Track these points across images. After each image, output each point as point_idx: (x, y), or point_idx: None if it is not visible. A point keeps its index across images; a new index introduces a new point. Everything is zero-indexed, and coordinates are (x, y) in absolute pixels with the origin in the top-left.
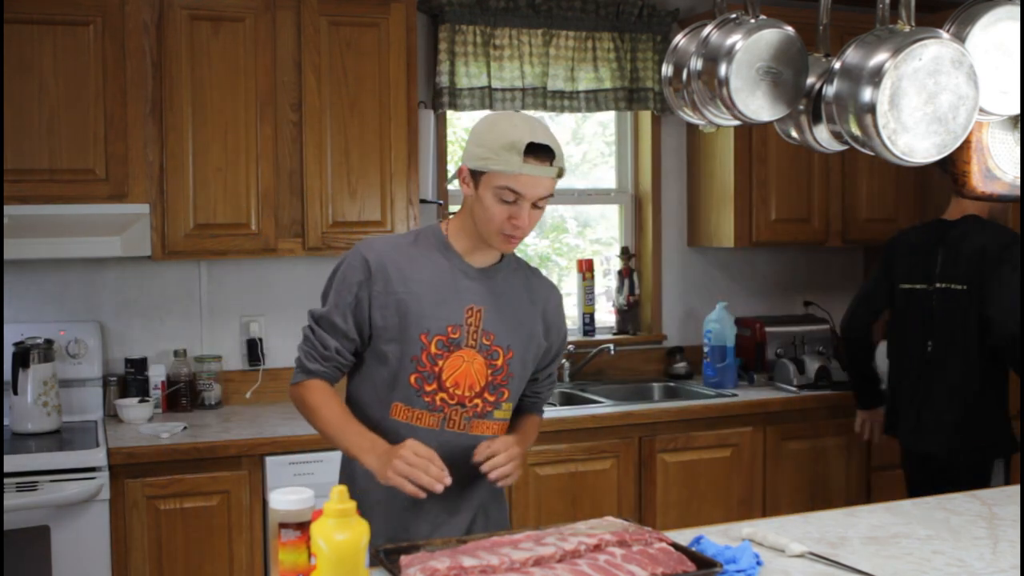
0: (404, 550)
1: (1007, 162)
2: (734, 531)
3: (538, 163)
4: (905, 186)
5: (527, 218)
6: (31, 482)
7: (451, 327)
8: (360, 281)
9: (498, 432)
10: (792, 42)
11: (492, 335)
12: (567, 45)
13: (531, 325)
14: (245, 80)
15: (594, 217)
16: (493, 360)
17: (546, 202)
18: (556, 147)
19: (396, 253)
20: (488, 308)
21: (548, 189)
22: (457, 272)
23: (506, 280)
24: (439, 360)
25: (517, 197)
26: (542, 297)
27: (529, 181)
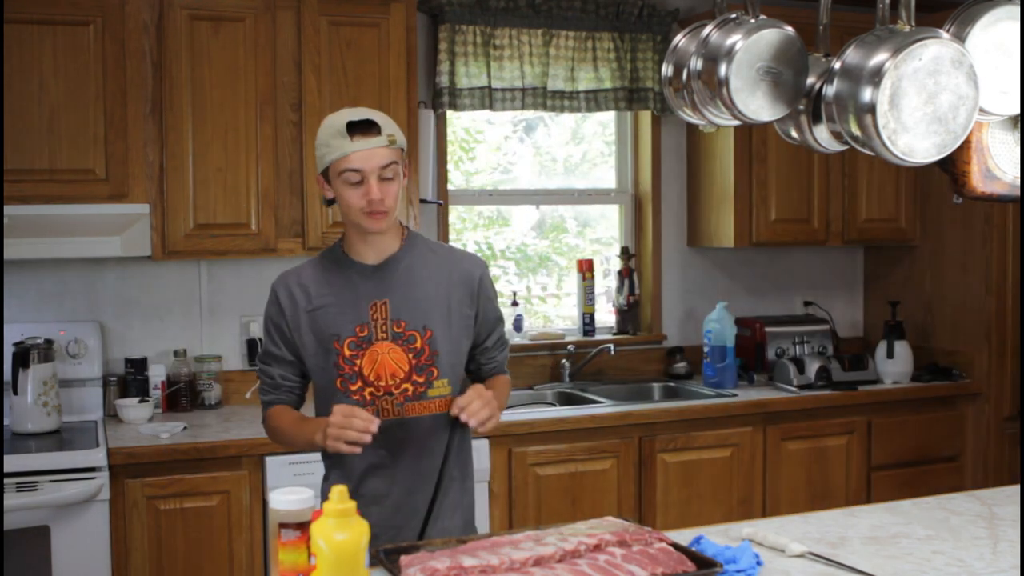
0: (404, 550)
1: (1007, 162)
2: (734, 531)
3: (365, 137)
4: (905, 186)
5: (377, 190)
6: (31, 482)
7: (359, 327)
8: (275, 312)
9: (436, 411)
10: (792, 42)
11: (403, 322)
12: (567, 45)
13: (446, 300)
14: (245, 80)
15: (594, 217)
16: (411, 344)
17: (394, 171)
18: (380, 118)
19: (300, 276)
20: (393, 298)
21: (386, 157)
22: (354, 276)
23: (409, 267)
24: (356, 360)
25: (360, 175)
26: (453, 270)
27: (362, 156)
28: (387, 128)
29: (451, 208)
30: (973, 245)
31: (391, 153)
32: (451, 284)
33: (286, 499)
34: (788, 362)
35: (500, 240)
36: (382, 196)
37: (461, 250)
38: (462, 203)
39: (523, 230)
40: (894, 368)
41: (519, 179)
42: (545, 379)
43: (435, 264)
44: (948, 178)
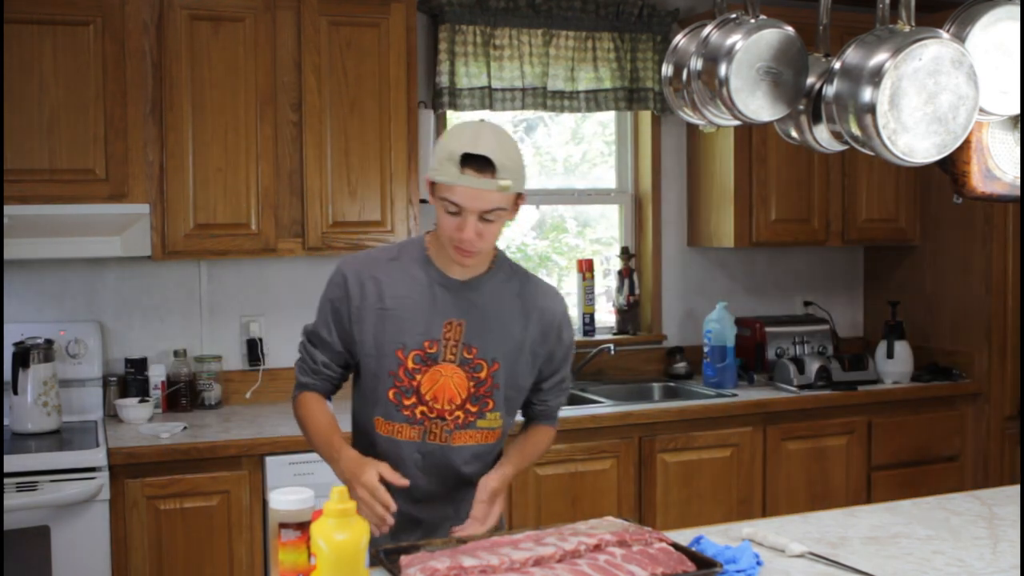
0: (404, 550)
1: (1007, 162)
2: (734, 531)
3: (477, 175)
4: (905, 186)
5: (473, 231)
6: (31, 482)
7: (428, 342)
8: (339, 296)
9: (481, 441)
10: (792, 42)
11: (474, 348)
12: (567, 45)
13: (521, 335)
14: (245, 80)
15: (594, 217)
16: (475, 373)
17: (499, 215)
18: (501, 159)
19: (375, 268)
20: (470, 321)
21: (491, 203)
22: (436, 286)
23: (493, 291)
24: (416, 375)
25: (459, 209)
26: (537, 305)
27: (466, 193)
28: (504, 171)
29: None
30: (973, 245)
31: (500, 199)
32: (530, 319)
33: (286, 499)
34: (788, 362)
35: (500, 240)
36: (477, 238)
37: (544, 283)
38: None
39: (523, 230)
40: (894, 368)
41: None
42: None
43: (522, 296)
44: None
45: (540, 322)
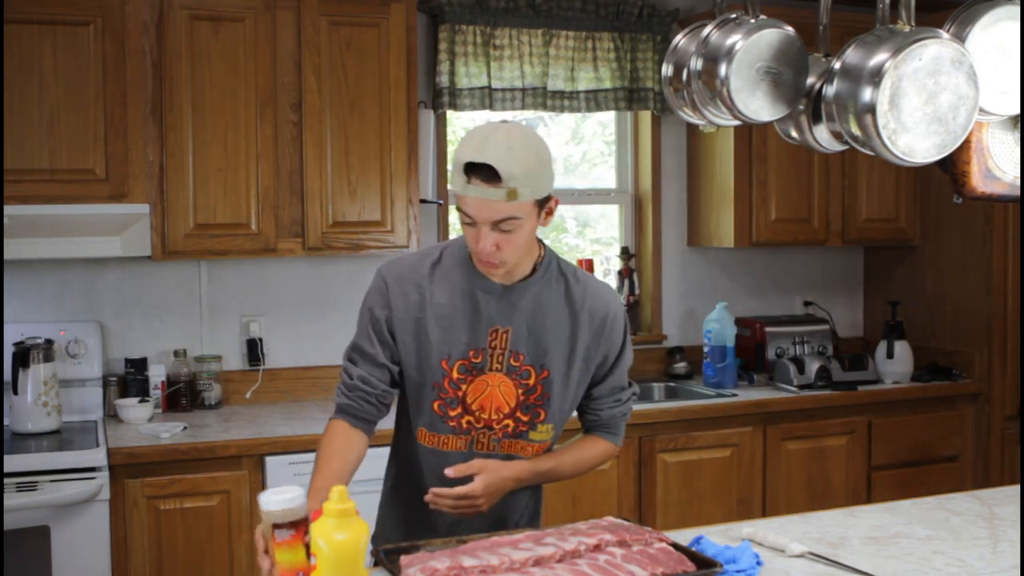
0: (404, 550)
1: (1007, 162)
2: (734, 531)
3: (483, 184)
4: (905, 186)
5: (489, 243)
6: (31, 482)
7: (473, 351)
8: (381, 304)
9: (531, 454)
10: (792, 42)
11: (521, 356)
12: (567, 45)
13: (571, 340)
14: (245, 80)
15: (594, 217)
16: (524, 380)
17: (515, 225)
18: (508, 167)
19: (416, 273)
20: (516, 328)
21: (501, 212)
22: (479, 291)
23: (539, 294)
24: (462, 385)
25: (472, 220)
26: (586, 307)
27: (474, 203)
28: (512, 179)
29: (451, 208)
30: (973, 245)
31: (511, 208)
32: (579, 321)
33: (276, 499)
34: (788, 362)
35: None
36: (494, 249)
37: (597, 281)
38: None
39: None
40: (894, 368)
41: None
42: None
43: (568, 297)
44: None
45: (590, 324)
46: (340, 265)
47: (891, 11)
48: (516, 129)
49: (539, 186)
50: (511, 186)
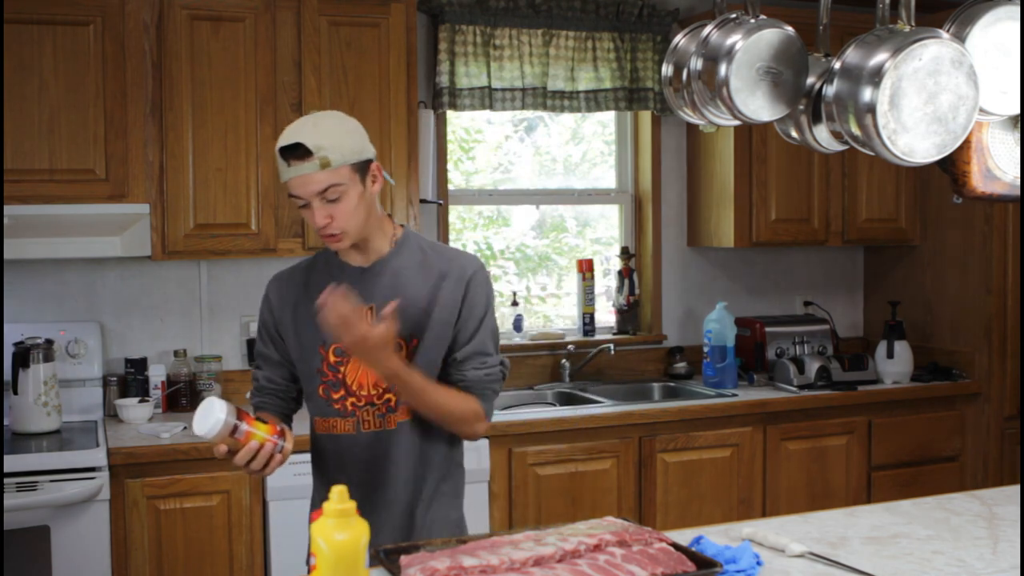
0: (404, 550)
1: (1007, 162)
2: (734, 531)
3: (298, 162)
4: (905, 186)
5: (321, 216)
6: (31, 482)
7: None
8: (266, 310)
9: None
10: (792, 42)
11: None
12: (567, 45)
13: (432, 307)
14: (245, 80)
15: (594, 217)
16: (396, 353)
17: (340, 192)
18: (314, 139)
19: (292, 276)
20: (379, 304)
21: (322, 183)
22: (343, 278)
23: (396, 269)
24: (340, 367)
25: (302, 200)
26: (441, 271)
27: (298, 182)
28: (321, 149)
29: (451, 208)
30: (973, 245)
31: (327, 176)
32: (439, 287)
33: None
34: (788, 362)
35: (500, 240)
36: (329, 219)
37: (456, 250)
38: (462, 203)
39: (523, 230)
40: (894, 368)
41: (519, 179)
42: (545, 379)
43: (426, 266)
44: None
45: (449, 288)
46: None
47: (891, 11)
48: (323, 112)
49: (349, 152)
50: (321, 156)
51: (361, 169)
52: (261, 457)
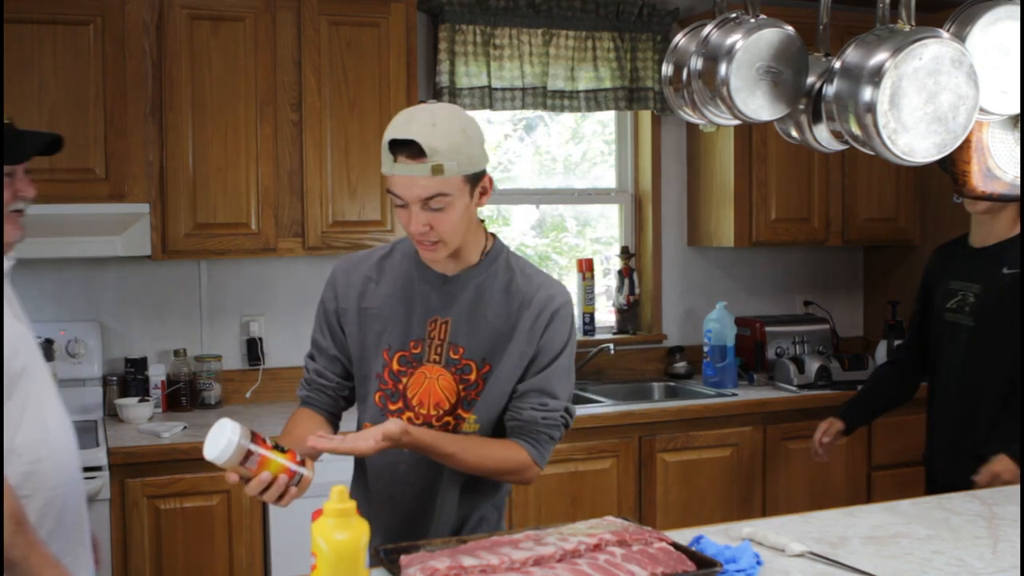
0: (404, 550)
1: (1007, 162)
2: (734, 531)
3: (408, 160)
4: (905, 186)
5: (419, 223)
6: None
7: (413, 342)
8: (329, 297)
9: None
10: (792, 42)
11: (461, 348)
12: (567, 45)
13: (512, 333)
14: (245, 80)
15: (594, 216)
16: (465, 375)
17: (446, 203)
18: (431, 141)
19: (364, 266)
20: (456, 319)
21: (428, 189)
22: (419, 282)
23: (481, 285)
24: (402, 377)
25: (401, 200)
26: (530, 299)
27: (402, 182)
28: (436, 154)
29: None
30: None
31: (438, 184)
32: (521, 315)
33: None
34: (788, 362)
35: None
36: (427, 228)
37: (543, 276)
38: None
39: (523, 229)
40: None
41: (519, 178)
42: None
43: (512, 288)
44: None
45: (531, 317)
46: None
47: (891, 11)
48: (442, 107)
49: (466, 161)
50: (436, 161)
51: (473, 180)
52: (275, 489)
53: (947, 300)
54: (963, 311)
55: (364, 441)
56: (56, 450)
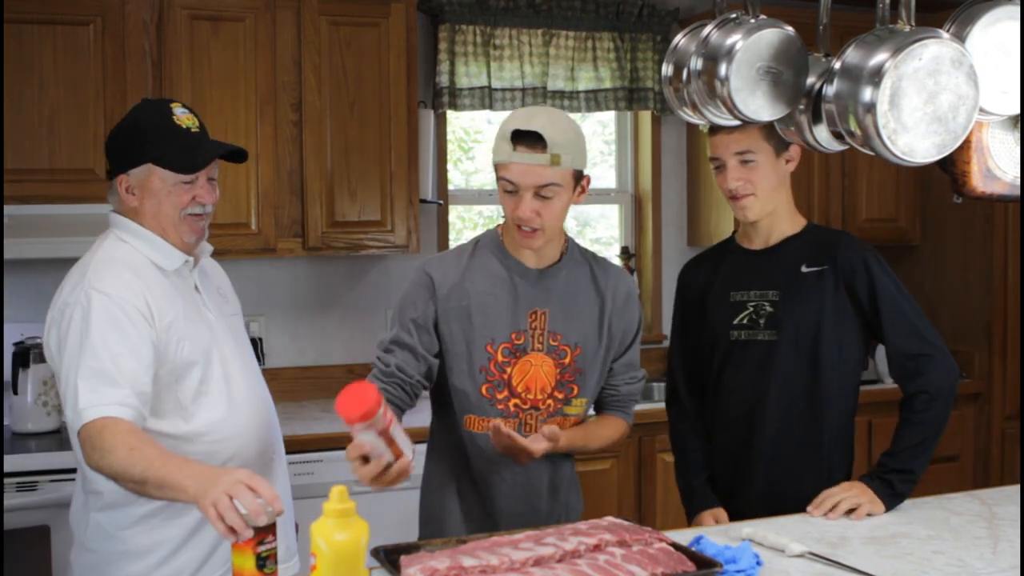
0: (404, 550)
1: (1007, 162)
2: (734, 531)
3: (528, 150)
4: (905, 186)
5: (529, 209)
6: (31, 482)
7: (515, 333)
8: (426, 297)
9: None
10: (792, 42)
11: (559, 335)
12: (567, 45)
13: (600, 317)
14: (245, 80)
15: (594, 217)
16: (561, 359)
17: (555, 192)
18: (552, 134)
19: (456, 266)
20: (552, 309)
21: (544, 178)
22: (516, 276)
23: (569, 276)
24: (507, 367)
25: (514, 186)
26: (610, 285)
27: (518, 169)
28: (555, 145)
29: (451, 208)
30: (973, 245)
31: (553, 174)
32: (605, 300)
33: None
34: None
35: None
36: (534, 215)
37: (613, 264)
38: (462, 203)
39: None
40: None
41: None
42: None
43: (595, 277)
44: (948, 178)
45: (614, 302)
46: (340, 265)
47: (891, 11)
48: (557, 110)
49: (578, 157)
50: (554, 152)
51: (577, 178)
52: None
53: (732, 316)
54: (757, 325)
55: (537, 443)
56: (241, 430)
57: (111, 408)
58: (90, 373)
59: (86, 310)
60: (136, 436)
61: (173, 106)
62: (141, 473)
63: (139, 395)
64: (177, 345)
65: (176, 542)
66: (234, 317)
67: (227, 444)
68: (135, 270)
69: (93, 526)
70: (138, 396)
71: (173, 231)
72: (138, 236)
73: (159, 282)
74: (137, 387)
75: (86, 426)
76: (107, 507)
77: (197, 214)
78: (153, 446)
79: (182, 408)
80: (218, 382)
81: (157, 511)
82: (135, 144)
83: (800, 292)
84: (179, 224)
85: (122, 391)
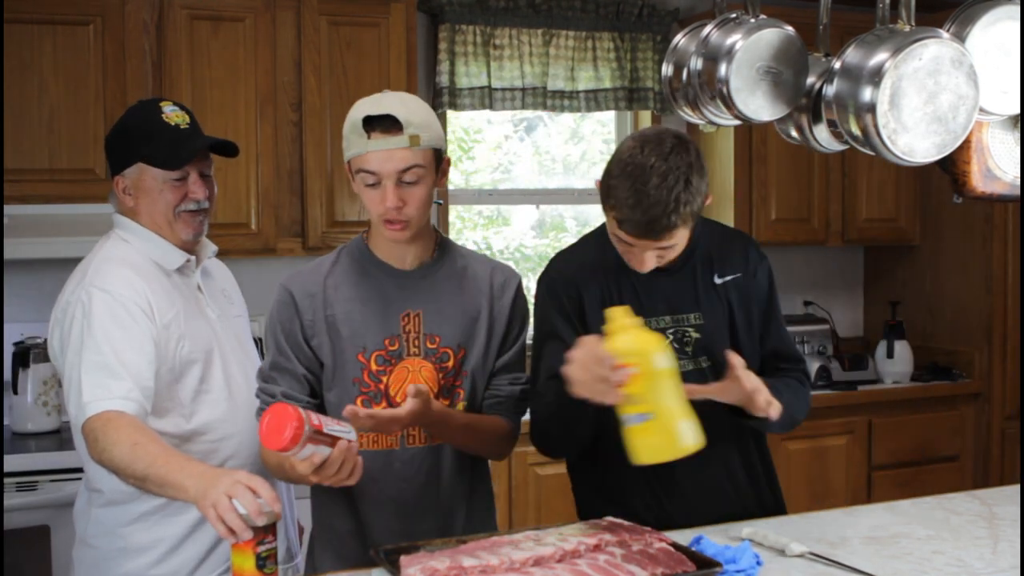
0: (404, 550)
1: (1007, 162)
2: (734, 531)
3: (384, 135)
4: (905, 186)
5: (394, 197)
6: (31, 482)
7: (389, 339)
8: (290, 315)
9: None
10: (792, 42)
11: (437, 338)
12: (567, 45)
13: (483, 317)
14: (245, 80)
15: (594, 217)
16: (443, 363)
17: (419, 175)
18: (406, 115)
19: (317, 275)
20: (427, 309)
21: (406, 161)
22: (384, 280)
23: (445, 275)
24: (383, 376)
25: (376, 177)
26: (491, 282)
27: (379, 157)
28: (411, 126)
29: (451, 208)
30: (973, 245)
31: (414, 155)
32: (488, 297)
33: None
34: None
35: (499, 240)
36: (401, 203)
37: (495, 261)
38: (461, 203)
39: (523, 230)
40: (894, 368)
41: (519, 179)
42: None
43: (470, 274)
44: (948, 178)
45: (494, 296)
46: None
47: (891, 11)
48: (400, 91)
49: (436, 135)
50: (412, 133)
51: (437, 159)
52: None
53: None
54: (684, 352)
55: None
56: (241, 428)
57: (115, 402)
58: (94, 368)
59: (88, 308)
60: (140, 431)
61: (163, 104)
62: (143, 470)
63: (142, 389)
64: (177, 343)
65: (175, 539)
66: (239, 318)
67: (227, 443)
68: (136, 268)
69: (94, 522)
70: (141, 390)
71: (169, 229)
72: (139, 235)
73: (160, 281)
74: (140, 381)
75: (90, 420)
76: (108, 504)
77: (192, 211)
78: (156, 443)
79: (182, 406)
80: (218, 381)
81: (157, 509)
82: (126, 144)
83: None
84: (174, 221)
85: (126, 384)
